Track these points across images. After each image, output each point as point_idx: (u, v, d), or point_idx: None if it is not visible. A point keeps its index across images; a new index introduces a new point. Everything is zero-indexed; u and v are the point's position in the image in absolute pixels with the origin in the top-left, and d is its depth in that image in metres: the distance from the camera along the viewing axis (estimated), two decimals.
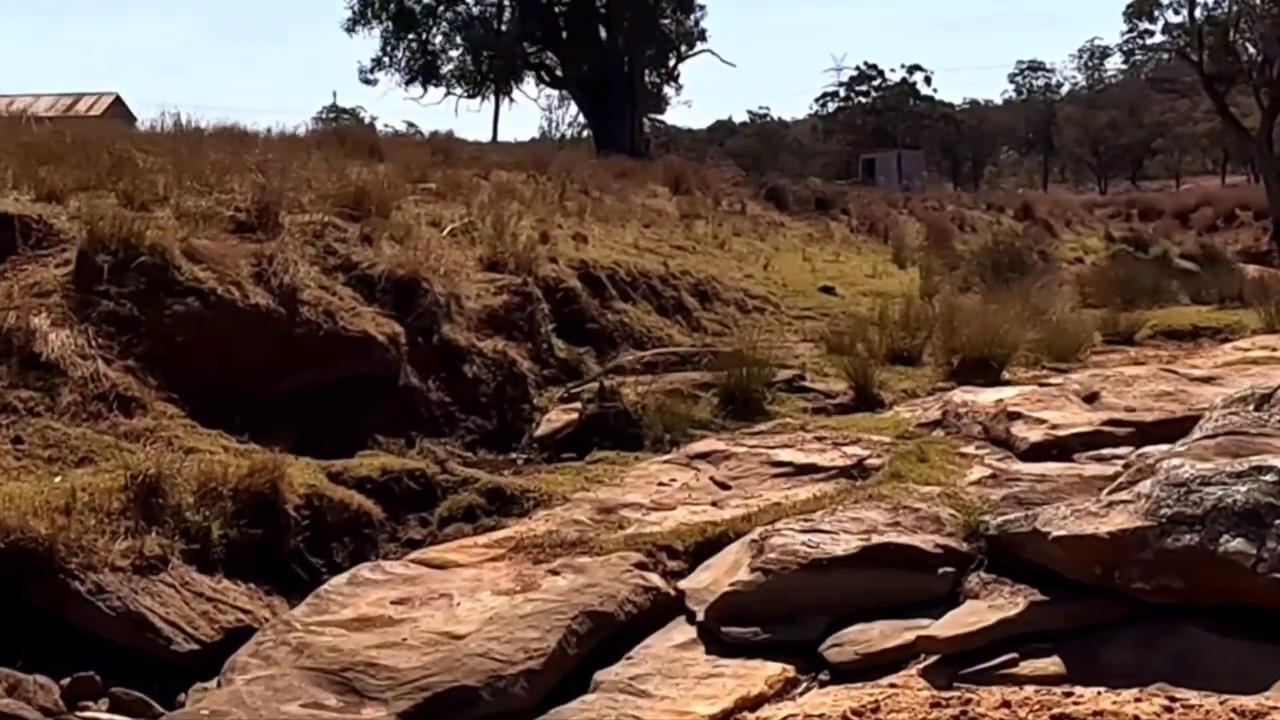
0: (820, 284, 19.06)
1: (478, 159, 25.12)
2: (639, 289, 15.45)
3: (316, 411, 10.65)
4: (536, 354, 12.93)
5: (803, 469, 9.83)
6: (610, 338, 14.30)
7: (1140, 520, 5.87)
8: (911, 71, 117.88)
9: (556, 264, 14.46)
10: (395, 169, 19.06)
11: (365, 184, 13.77)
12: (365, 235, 12.42)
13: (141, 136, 20.11)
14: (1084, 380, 11.62)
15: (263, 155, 17.29)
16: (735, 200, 31.07)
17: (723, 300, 16.93)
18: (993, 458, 10.06)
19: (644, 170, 32.19)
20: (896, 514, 7.47)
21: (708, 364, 13.10)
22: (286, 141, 23.08)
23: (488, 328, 12.69)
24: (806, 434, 10.74)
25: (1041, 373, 14.37)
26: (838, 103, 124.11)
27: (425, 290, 11.93)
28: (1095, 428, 10.10)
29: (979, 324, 14.29)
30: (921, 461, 9.74)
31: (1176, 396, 11.18)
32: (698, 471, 10.17)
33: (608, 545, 8.04)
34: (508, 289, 13.14)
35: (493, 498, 9.65)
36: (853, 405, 12.97)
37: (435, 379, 11.78)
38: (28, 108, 67.60)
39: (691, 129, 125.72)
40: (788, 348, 15.17)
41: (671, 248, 19.54)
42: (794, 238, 28.87)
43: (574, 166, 27.21)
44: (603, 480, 10.15)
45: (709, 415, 12.13)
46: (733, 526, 8.06)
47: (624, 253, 16.77)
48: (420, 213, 15.26)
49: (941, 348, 14.36)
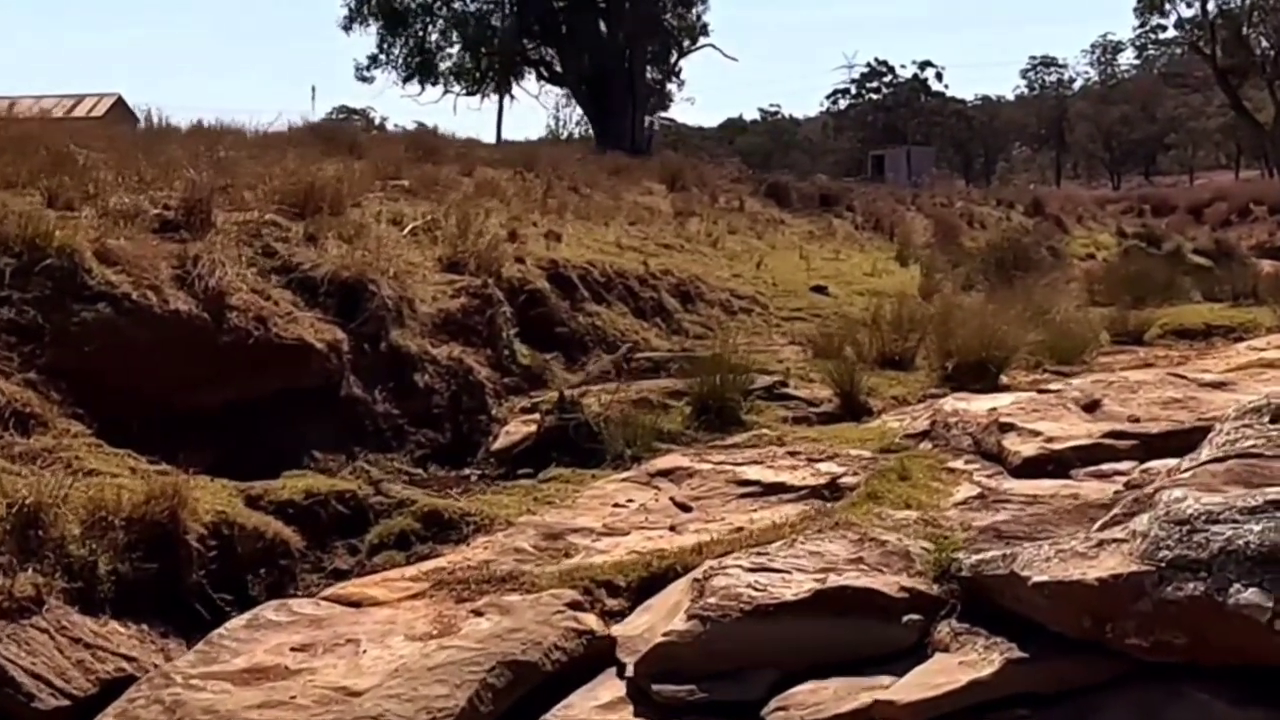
0: (813, 283, 18.12)
1: (464, 156, 24.20)
2: (614, 290, 14.54)
3: (246, 427, 9.78)
4: (497, 361, 12.04)
5: (771, 488, 8.93)
6: (581, 342, 13.40)
7: (1135, 564, 4.95)
8: (923, 68, 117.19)
9: (524, 264, 13.55)
10: (368, 166, 18.19)
11: (316, 180, 12.85)
12: (310, 234, 11.52)
13: (98, 134, 19.25)
14: (1085, 387, 10.69)
15: (228, 153, 16.48)
16: (733, 197, 30.19)
17: (707, 301, 16.01)
18: (982, 474, 9.18)
19: (640, 167, 31.34)
20: (862, 547, 6.54)
21: (680, 371, 12.18)
22: (262, 139, 22.20)
23: (443, 333, 11.80)
24: (780, 448, 9.84)
25: (1043, 376, 13.47)
26: (848, 100, 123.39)
27: (372, 293, 11.04)
28: (1095, 440, 9.20)
29: (976, 325, 13.36)
30: (902, 480, 8.84)
31: (1186, 404, 10.25)
32: (658, 491, 9.29)
33: (542, 580, 7.16)
34: (466, 291, 12.24)
35: (430, 522, 8.77)
36: (837, 414, 12.07)
37: (383, 389, 10.89)
38: (29, 108, 67.43)
39: (702, 127, 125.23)
40: (773, 350, 14.27)
41: (657, 246, 18.64)
42: (793, 235, 27.97)
43: (563, 163, 26.35)
44: (554, 501, 9.27)
45: (679, 426, 11.23)
46: (681, 559, 7.16)
47: (602, 252, 15.87)
48: (382, 210, 14.37)
49: (936, 351, 13.43)
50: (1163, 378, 10.81)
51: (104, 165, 13.13)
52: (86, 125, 30.16)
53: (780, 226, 28.96)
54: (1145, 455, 8.79)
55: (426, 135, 26.30)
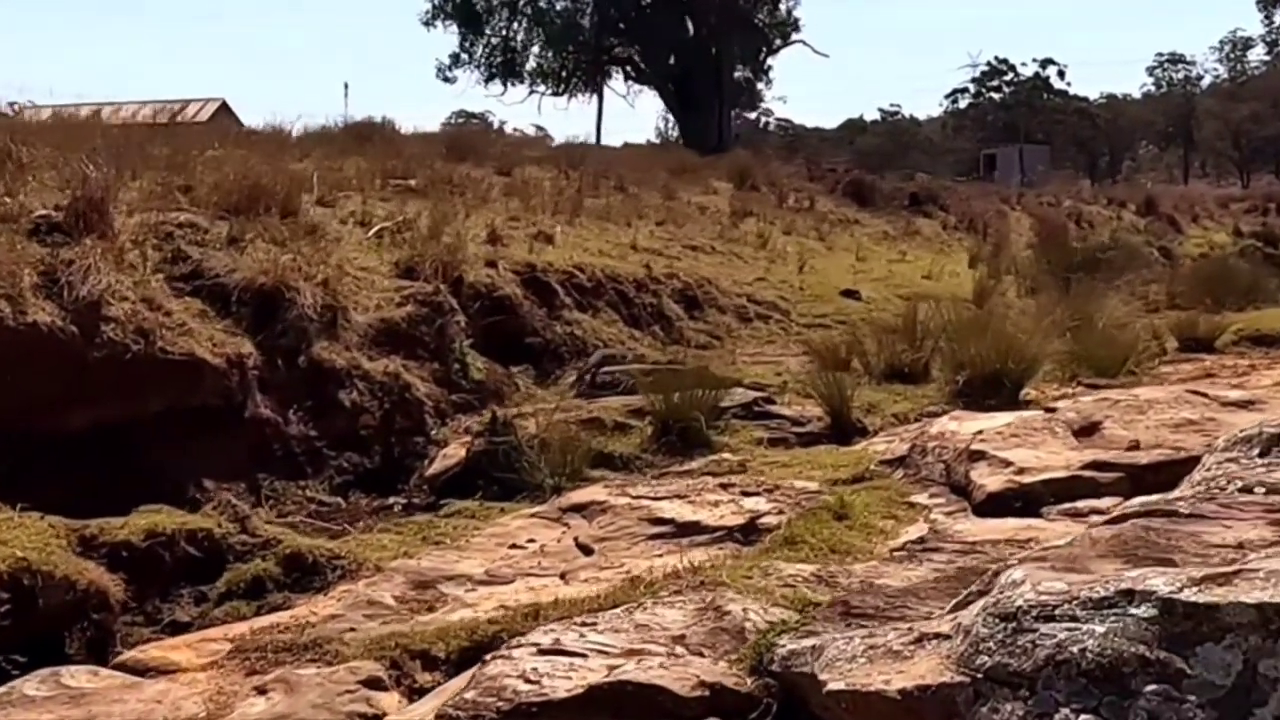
0: (845, 287, 16.73)
1: (505, 155, 23.09)
2: (604, 296, 13.31)
3: (119, 453, 8.70)
4: (445, 375, 10.87)
5: (685, 529, 7.69)
6: (556, 353, 12.19)
7: (950, 672, 3.64)
8: (1044, 66, 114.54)
9: (495, 269, 12.37)
10: (371, 164, 17.14)
11: (262, 180, 11.76)
12: (233, 237, 10.42)
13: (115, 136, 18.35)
14: (1086, 406, 9.29)
15: (219, 151, 15.52)
16: (805, 197, 28.78)
17: (718, 307, 14.72)
18: (942, 510, 7.88)
19: (709, 166, 30.08)
20: (700, 619, 5.27)
21: (635, 386, 10.94)
22: (292, 140, 21.31)
23: (383, 345, 10.66)
24: (713, 479, 8.59)
25: (1075, 390, 12.04)
26: (969, 99, 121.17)
27: (290, 302, 9.89)
28: (1073, 472, 7.84)
29: (994, 334, 11.94)
30: (838, 519, 7.56)
31: (1202, 427, 8.82)
32: (567, 529, 8.08)
33: (349, 648, 5.96)
34: (415, 298, 11.09)
35: (291, 567, 7.63)
36: (824, 434, 10.77)
37: (300, 408, 9.78)
38: (134, 113, 67.68)
39: (820, 128, 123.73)
40: (777, 361, 12.97)
41: (683, 248, 17.38)
42: (863, 236, 26.57)
43: (614, 163, 25.18)
44: (446, 540, 8.11)
45: (634, 449, 10.01)
46: (510, 625, 5.91)
47: (601, 254, 14.65)
48: (357, 211, 13.25)
49: (948, 362, 12.05)
50: (1179, 396, 9.38)
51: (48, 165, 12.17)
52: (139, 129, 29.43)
53: (852, 227, 27.55)
54: (1131, 490, 7.40)
55: (470, 134, 25.22)
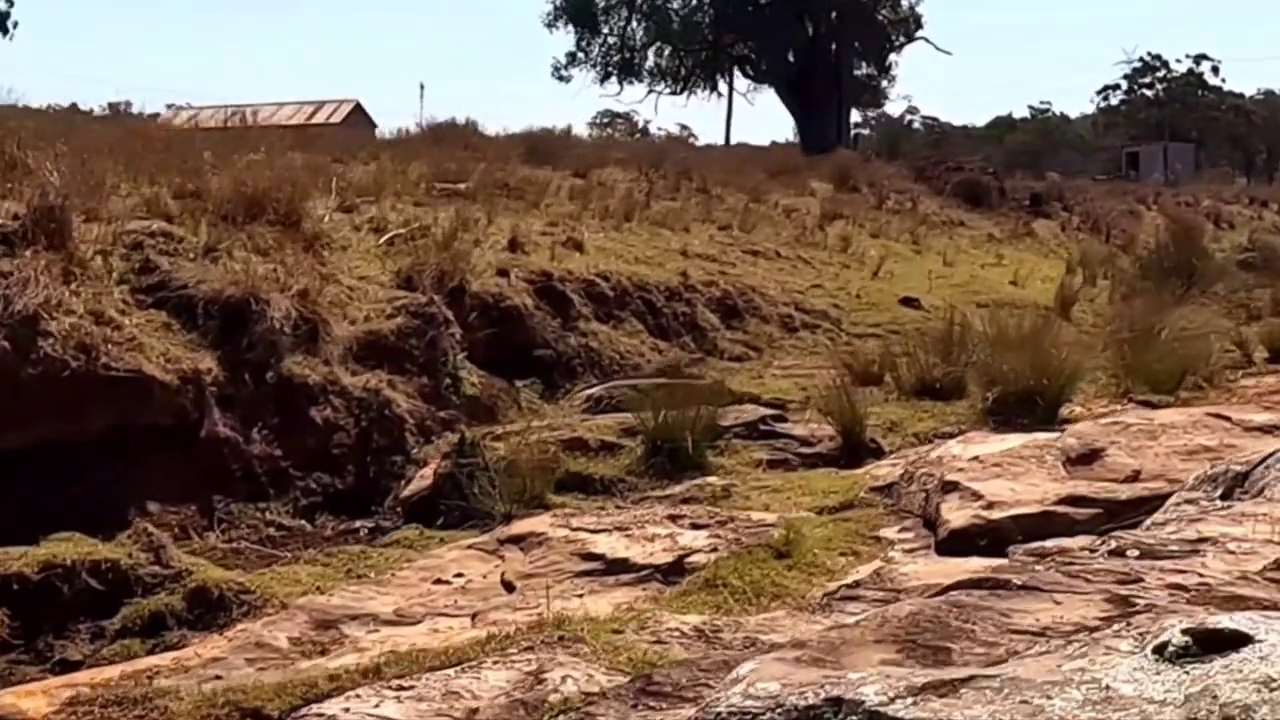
0: (906, 295, 15.93)
1: (586, 157, 22.58)
2: (629, 305, 12.71)
3: (59, 474, 8.30)
4: (434, 390, 10.36)
5: (613, 566, 7.12)
6: (568, 366, 11.63)
7: None
8: (1198, 61, 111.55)
9: (506, 277, 11.83)
10: (425, 168, 16.77)
11: (264, 186, 11.35)
12: (210, 246, 10.00)
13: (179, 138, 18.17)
14: (1089, 431, 8.53)
15: (258, 156, 15.20)
16: (907, 198, 27.88)
17: (761, 316, 14.04)
18: (905, 547, 7.25)
19: (812, 167, 29.29)
20: (519, 685, 4.68)
21: (625, 403, 10.35)
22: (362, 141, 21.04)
23: (368, 358, 10.19)
24: (660, 510, 7.97)
25: (1124, 406, 11.21)
26: (1120, 96, 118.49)
27: (260, 314, 9.44)
28: (1046, 508, 7.13)
29: (1032, 347, 11.15)
30: (780, 558, 6.96)
31: (1219, 454, 8.01)
32: (500, 563, 7.55)
33: (181, 704, 5.44)
34: (407, 309, 10.59)
35: (196, 602, 7.16)
36: (833, 455, 10.11)
37: (265, 426, 9.33)
38: (270, 115, 68.58)
39: (969, 125, 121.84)
40: (809, 374, 12.26)
41: (743, 253, 16.72)
42: (963, 238, 25.67)
43: (710, 164, 24.58)
44: (371, 573, 7.61)
45: (619, 472, 9.43)
46: (349, 682, 5.36)
47: (638, 261, 14.04)
48: (371, 217, 12.80)
49: (982, 377, 11.28)
50: (1198, 420, 8.57)
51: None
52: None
53: (955, 229, 26.62)
54: (1110, 526, 6.66)
55: (548, 137, 24.75)
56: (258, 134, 37.24)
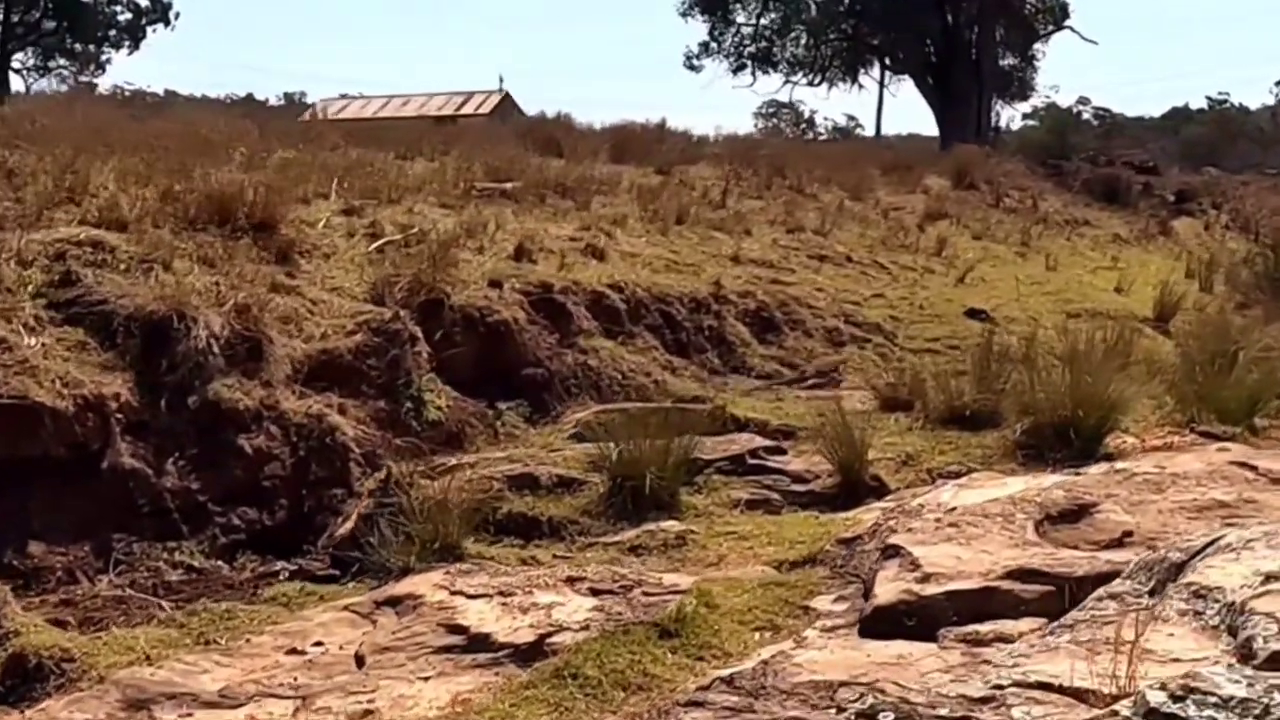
0: (971, 305, 14.60)
1: (672, 154, 21.54)
2: (644, 318, 11.65)
3: None
4: (392, 416, 9.43)
5: (474, 643, 6.15)
6: (562, 387, 10.62)
7: None
8: None
9: (499, 288, 10.84)
10: (458, 161, 15.97)
11: (230, 188, 10.52)
12: (144, 257, 9.19)
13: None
14: (1083, 482, 7.31)
15: (289, 153, 14.51)
16: (1027, 196, 26.38)
17: (805, 330, 12.88)
18: (826, 624, 6.25)
19: (930, 162, 27.90)
20: None
21: (584, 434, 9.34)
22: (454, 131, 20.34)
23: (319, 380, 9.29)
24: (564, 569, 6.95)
25: (1185, 439, 9.93)
26: None
27: (182, 334, 8.60)
28: (988, 583, 5.97)
29: (1075, 371, 9.90)
30: (667, 636, 5.89)
31: (1235, 511, 6.84)
32: (370, 629, 6.60)
33: None
34: (368, 325, 9.67)
35: (10, 672, 6.33)
36: (828, 494, 9.03)
37: (183, 457, 8.46)
38: (422, 105, 68.55)
39: (1141, 117, 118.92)
40: (839, 396, 11.11)
41: (808, 258, 15.56)
42: (1083, 239, 24.16)
43: (805, 159, 23.40)
44: (225, 638, 6.69)
45: (572, 512, 8.42)
46: None
47: (669, 269, 12.97)
48: (371, 221, 11.92)
49: (1015, 404, 10.06)
50: (1217, 468, 7.32)
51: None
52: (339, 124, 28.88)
53: (1077, 229, 25.10)
54: (1062, 608, 5.51)
55: (639, 132, 23.72)
56: (387, 125, 36.92)
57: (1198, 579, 4.35)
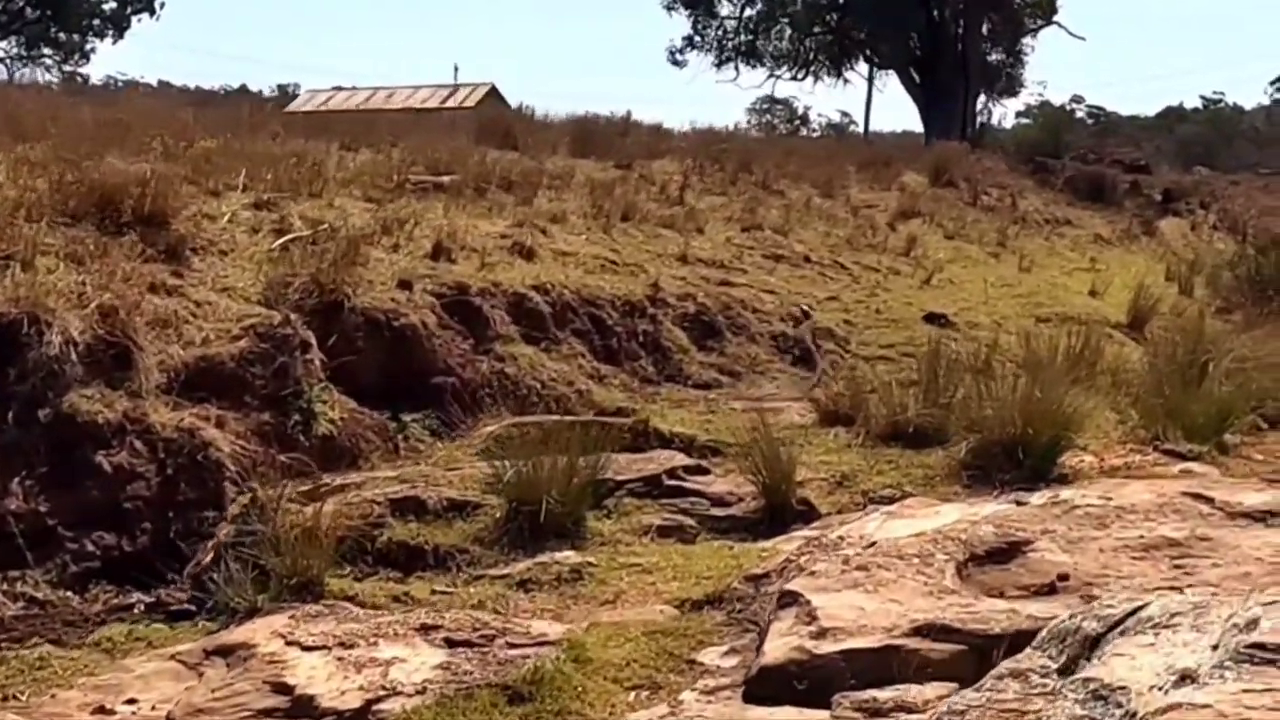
0: (930, 310, 13.76)
1: (632, 149, 20.68)
2: (570, 323, 10.82)
3: None
4: (278, 429, 8.59)
5: (297, 707, 5.32)
6: (475, 397, 9.80)
7: None
8: None
9: (409, 289, 10.01)
10: (404, 153, 15.15)
11: (121, 179, 9.70)
12: (4, 254, 8.36)
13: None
14: (1018, 516, 6.48)
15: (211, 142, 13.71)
16: (1006, 194, 25.55)
17: (750, 335, 12.05)
18: (709, 684, 5.57)
19: (909, 159, 27.04)
20: None
21: (493, 449, 8.54)
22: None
23: (198, 390, 8.45)
24: (424, 614, 6.07)
25: (1149, 458, 9.18)
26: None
27: (34, 339, 7.77)
28: (891, 641, 5.14)
29: (1030, 381, 9.11)
30: (516, 702, 5.06)
31: (1186, 552, 6.06)
32: (195, 682, 5.75)
33: None
34: (255, 330, 8.83)
35: None
36: (751, 519, 8.27)
37: (30, 476, 7.63)
38: (406, 98, 68.00)
39: (1135, 116, 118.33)
40: (779, 409, 10.30)
41: (762, 258, 14.74)
42: (1062, 240, 23.37)
43: (777, 155, 22.58)
44: (27, 693, 5.91)
45: (463, 540, 7.63)
46: None
47: (604, 269, 12.14)
48: (281, 217, 11.08)
49: (962, 420, 9.25)
50: (1168, 500, 6.49)
51: None
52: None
53: (1057, 229, 24.29)
54: (977, 671, 4.68)
55: (602, 126, 22.85)
56: (369, 118, 36.07)
57: (1101, 673, 3.55)
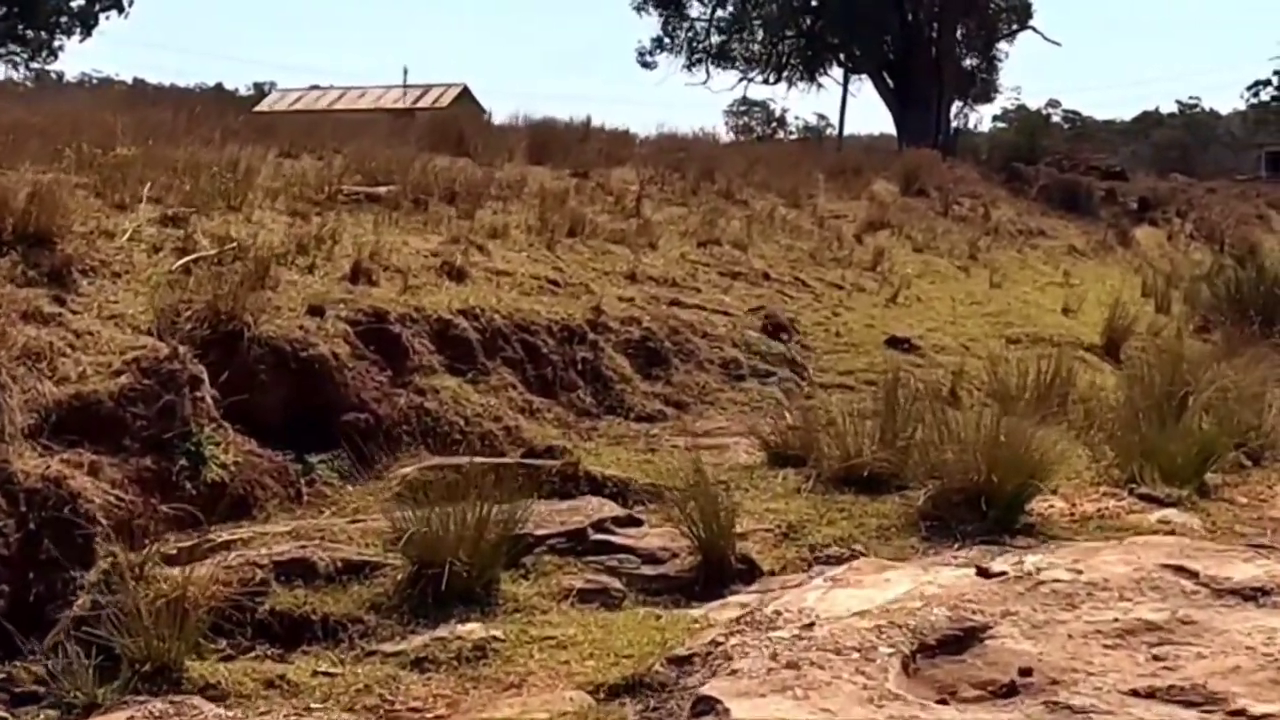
0: (893, 333, 12.92)
1: (590, 156, 19.83)
2: (501, 351, 9.97)
3: None
4: (161, 476, 7.73)
5: None
6: (391, 435, 8.94)
7: None
8: None
9: (320, 316, 9.14)
10: (347, 160, 14.33)
11: (1, 195, 8.84)
12: None
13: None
14: (973, 597, 5.63)
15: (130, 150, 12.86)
16: (980, 204, 24.80)
17: (699, 362, 11.22)
18: None
19: (880, 168, 26.29)
20: None
21: (405, 494, 7.70)
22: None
23: (71, 433, 7.58)
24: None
25: (1124, 504, 8.41)
26: (1272, 91, 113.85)
27: None
28: None
29: (994, 421, 8.30)
30: None
31: (1167, 637, 5.24)
32: None
33: None
34: (137, 364, 7.96)
35: None
36: (685, 579, 7.42)
37: None
38: (378, 98, 67.02)
39: (1111, 120, 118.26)
40: (722, 447, 9.48)
41: (719, 274, 13.94)
42: (1035, 251, 22.69)
43: (739, 163, 21.77)
44: None
45: (357, 608, 6.81)
46: None
47: (544, 289, 11.30)
48: (188, 235, 10.21)
49: (921, 464, 8.44)
50: (1146, 575, 5.69)
51: None
52: None
53: (1030, 239, 23.59)
54: None
55: (560, 132, 22.00)
56: (334, 118, 35.19)
57: None
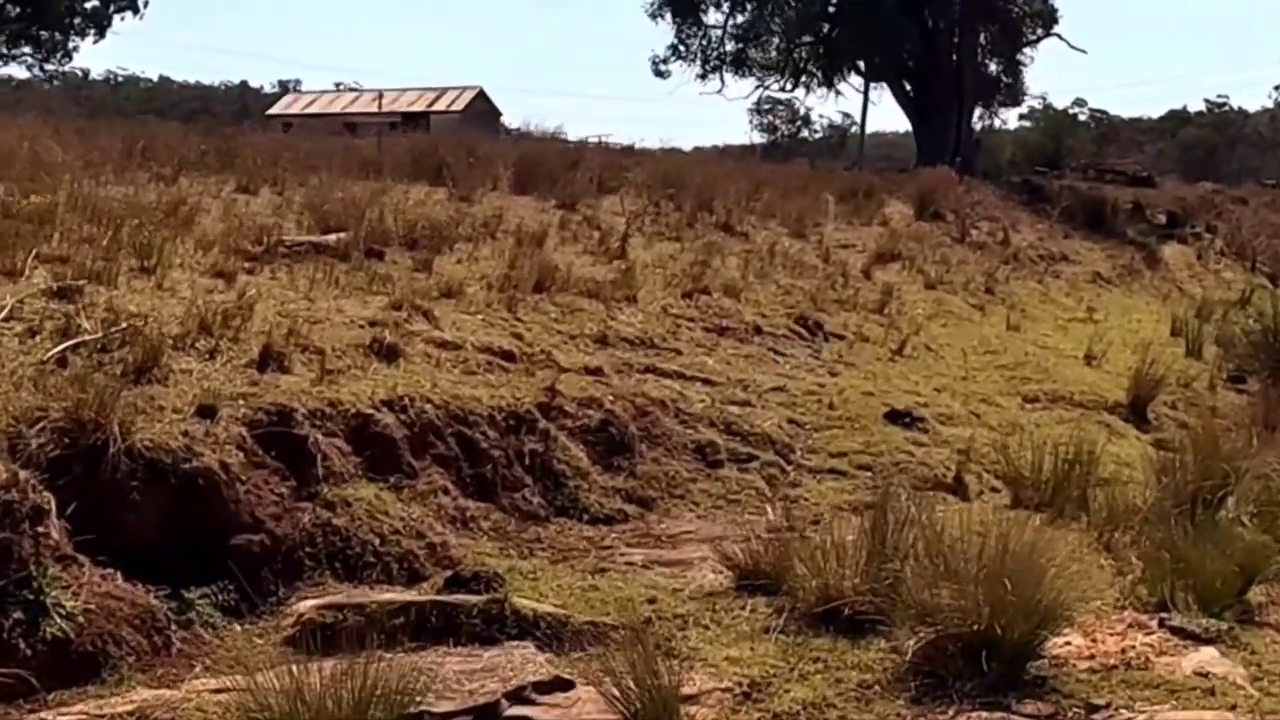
0: (893, 408, 11.48)
1: (581, 182, 18.52)
2: (432, 448, 8.63)
3: None
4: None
5: None
6: (291, 560, 7.61)
7: None
8: None
9: (212, 418, 7.82)
10: (308, 194, 13.12)
11: None
12: None
13: None
14: None
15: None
16: (999, 227, 23.39)
17: (669, 447, 9.86)
18: None
19: (895, 188, 24.91)
20: None
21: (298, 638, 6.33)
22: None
23: None
24: None
25: (1153, 637, 7.14)
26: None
27: None
28: None
29: (993, 555, 6.95)
30: None
31: None
32: None
33: None
34: None
35: None
36: None
37: None
38: (393, 101, 66.44)
39: (1139, 118, 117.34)
40: (686, 563, 8.15)
41: (704, 331, 12.62)
42: (1057, 281, 21.28)
43: (768, 181, 20.45)
44: None
45: None
46: None
47: (492, 365, 9.97)
48: (80, 307, 8.92)
49: (911, 603, 7.09)
50: None
51: None
52: None
53: (1051, 267, 22.19)
54: None
55: (550, 155, 20.69)
56: (340, 124, 33.79)
57: None
